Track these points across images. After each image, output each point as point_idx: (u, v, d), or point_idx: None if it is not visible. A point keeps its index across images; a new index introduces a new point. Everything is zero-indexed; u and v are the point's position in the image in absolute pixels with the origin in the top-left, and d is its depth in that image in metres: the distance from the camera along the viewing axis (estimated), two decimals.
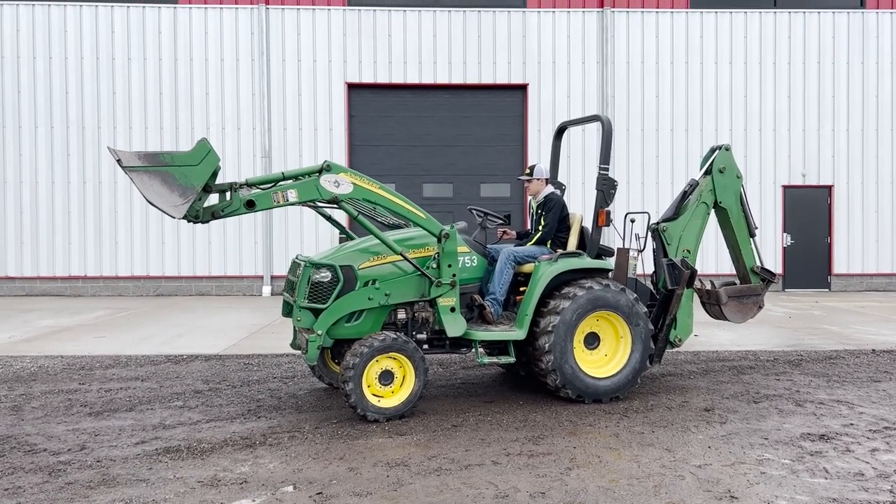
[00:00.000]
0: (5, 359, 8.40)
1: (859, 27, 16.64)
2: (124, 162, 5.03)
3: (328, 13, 16.10)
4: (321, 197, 5.60)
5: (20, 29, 15.80)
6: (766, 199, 16.54)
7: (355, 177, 5.71)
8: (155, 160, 5.15)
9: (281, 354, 8.62)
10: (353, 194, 5.68)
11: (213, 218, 5.44)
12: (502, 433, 5.43)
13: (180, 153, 5.23)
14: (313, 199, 5.63)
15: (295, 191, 5.55)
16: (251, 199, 5.44)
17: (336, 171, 5.64)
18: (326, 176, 5.61)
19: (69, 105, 15.85)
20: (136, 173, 5.04)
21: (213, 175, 5.30)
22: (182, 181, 5.11)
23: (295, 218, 16.02)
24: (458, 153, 16.52)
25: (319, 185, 5.58)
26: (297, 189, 5.56)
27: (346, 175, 5.68)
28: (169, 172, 5.10)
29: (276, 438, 5.31)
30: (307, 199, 5.60)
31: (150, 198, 4.98)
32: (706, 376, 7.49)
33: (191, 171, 5.15)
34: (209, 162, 5.21)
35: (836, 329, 10.76)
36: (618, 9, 16.33)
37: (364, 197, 5.74)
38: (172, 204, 5.01)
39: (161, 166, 5.12)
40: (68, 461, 4.81)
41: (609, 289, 6.28)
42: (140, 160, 5.12)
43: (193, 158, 5.18)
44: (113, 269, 15.88)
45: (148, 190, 5.00)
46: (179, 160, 5.16)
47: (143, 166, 5.09)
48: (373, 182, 5.78)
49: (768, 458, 4.87)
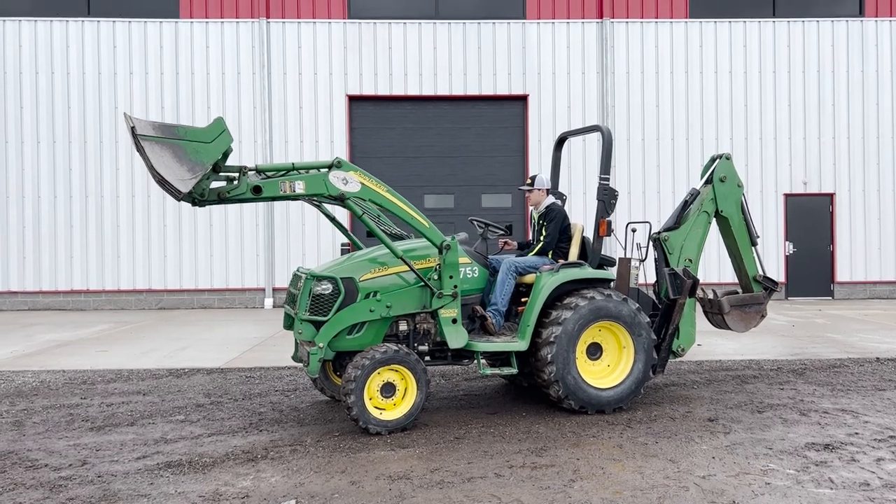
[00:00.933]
0: (7, 373, 8.39)
1: (858, 35, 16.68)
2: (138, 130, 4.94)
3: (329, 26, 16.18)
4: (328, 192, 5.58)
5: (22, 44, 15.90)
6: (767, 208, 16.53)
7: (364, 177, 5.71)
8: (169, 132, 5.08)
9: (283, 367, 8.61)
10: (359, 194, 5.68)
11: (217, 200, 5.35)
12: (505, 445, 5.41)
13: (195, 129, 5.17)
14: (320, 193, 5.58)
15: (303, 182, 5.52)
16: (258, 185, 5.41)
17: (346, 169, 5.64)
18: (336, 172, 5.60)
19: (71, 120, 15.91)
20: (149, 143, 4.95)
21: (225, 156, 5.26)
22: (193, 157, 5.05)
23: (297, 230, 16.05)
24: (459, 164, 16.55)
25: (328, 180, 5.57)
26: (305, 181, 5.53)
27: (356, 174, 5.68)
28: (181, 146, 5.04)
29: (277, 452, 5.29)
30: (314, 192, 5.56)
31: (159, 169, 4.88)
32: (709, 386, 7.46)
33: (203, 148, 5.10)
34: (222, 141, 5.17)
35: (839, 337, 10.72)
36: (617, 19, 16.40)
37: (370, 198, 5.73)
38: (180, 178, 4.94)
39: (174, 139, 5.05)
40: (69, 476, 4.79)
41: (611, 299, 6.26)
42: (154, 130, 5.04)
43: (207, 136, 5.14)
44: (115, 283, 15.90)
45: (158, 161, 4.91)
46: (193, 135, 5.11)
47: (156, 136, 5.01)
48: (381, 184, 5.77)
49: (773, 469, 4.84)
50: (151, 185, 15.85)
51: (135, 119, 4.95)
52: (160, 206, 15.91)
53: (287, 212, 16.05)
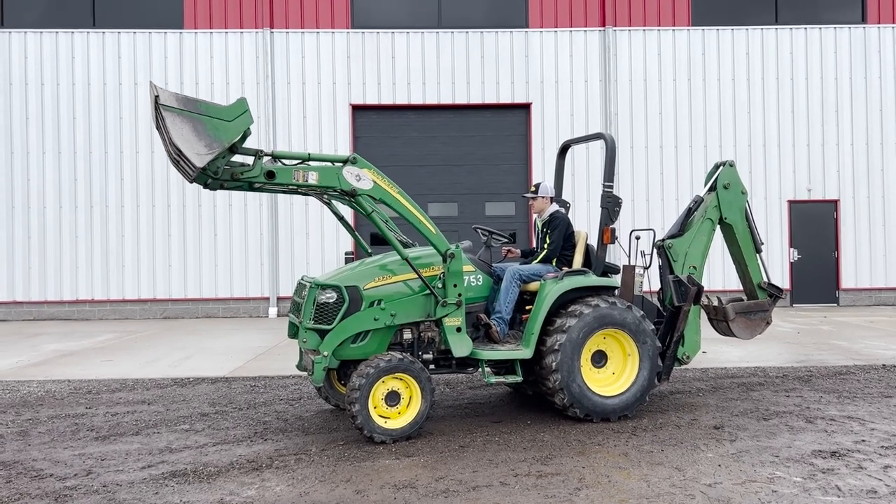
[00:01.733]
0: (13, 383, 8.40)
1: (861, 42, 16.69)
2: (161, 99, 4.95)
3: (332, 36, 16.26)
4: (339, 186, 5.59)
5: (28, 56, 16.00)
6: (771, 215, 16.51)
7: (377, 176, 5.72)
8: (191, 105, 5.09)
9: (287, 376, 8.60)
10: (371, 192, 5.69)
11: (230, 180, 5.35)
12: (510, 453, 5.39)
13: (217, 105, 5.17)
14: (332, 186, 5.59)
15: (316, 174, 5.54)
16: (272, 171, 5.42)
17: (361, 166, 5.66)
18: (350, 168, 5.62)
19: (76, 130, 15.99)
20: (170, 113, 4.96)
21: (243, 137, 5.25)
22: (212, 133, 5.05)
23: (301, 239, 16.08)
24: (462, 172, 16.58)
25: (341, 174, 5.58)
26: (318, 172, 5.55)
27: (370, 172, 5.69)
28: (201, 121, 5.04)
29: (282, 461, 5.28)
30: (326, 184, 5.57)
31: (177, 141, 4.89)
32: (715, 393, 7.43)
33: (222, 126, 5.09)
34: (243, 121, 5.17)
35: (845, 344, 10.68)
36: (619, 27, 16.44)
37: (381, 197, 5.74)
38: (197, 152, 4.94)
39: (195, 113, 5.05)
40: (75, 486, 4.80)
41: (615, 306, 6.25)
42: (177, 102, 5.04)
43: (229, 114, 5.13)
44: (120, 293, 15.93)
45: (177, 133, 4.92)
46: (214, 112, 5.11)
47: (178, 108, 5.01)
48: (393, 185, 5.79)
49: (779, 476, 4.82)
50: (156, 195, 15.93)
51: (160, 88, 4.97)
52: (164, 216, 15.97)
53: (291, 220, 16.08)
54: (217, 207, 16.03)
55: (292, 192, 6.08)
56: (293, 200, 16.07)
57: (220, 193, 15.97)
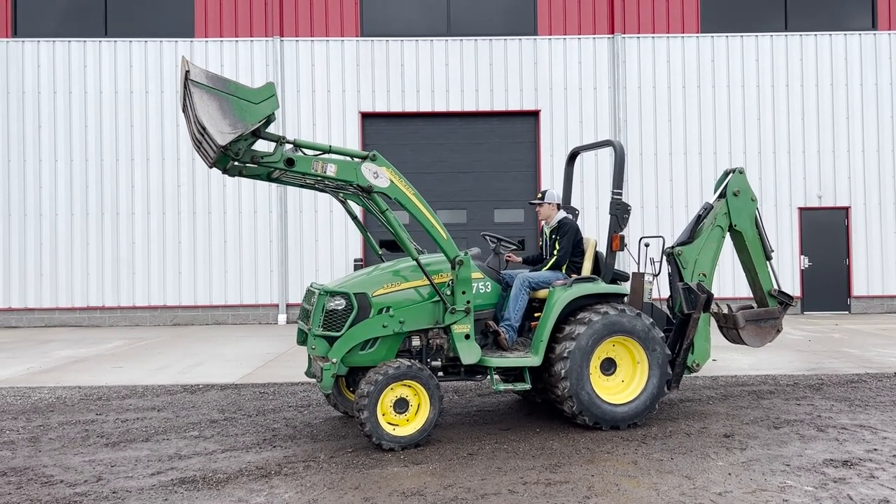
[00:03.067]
0: (24, 390, 8.45)
1: (872, 48, 16.62)
2: (192, 75, 4.98)
3: (342, 44, 16.33)
4: (356, 181, 5.61)
5: (41, 64, 16.15)
6: (782, 222, 16.43)
7: (395, 176, 5.74)
8: (220, 84, 5.12)
9: (296, 383, 8.62)
10: (387, 190, 5.71)
11: (251, 163, 5.38)
12: (519, 461, 5.38)
13: (245, 87, 5.20)
14: (349, 181, 5.62)
15: (335, 166, 5.57)
16: (292, 158, 5.44)
17: (380, 164, 5.69)
18: (369, 164, 5.65)
19: (88, 138, 16.11)
20: (199, 89, 5.00)
21: (267, 122, 5.28)
22: (237, 112, 5.08)
23: (310, 246, 16.12)
24: (471, 179, 16.60)
25: (359, 170, 5.61)
26: (337, 165, 5.58)
27: (388, 170, 5.71)
28: (228, 100, 5.07)
29: (291, 468, 5.29)
30: (344, 178, 5.59)
31: (202, 117, 4.93)
32: (725, 401, 7.39)
33: (248, 108, 5.13)
34: (269, 105, 5.20)
35: (857, 352, 10.60)
36: (629, 35, 16.44)
37: (396, 197, 5.76)
38: (220, 130, 4.97)
39: (223, 92, 5.09)
40: (85, 492, 4.82)
41: (625, 314, 6.23)
42: (207, 79, 5.08)
43: (256, 96, 5.17)
44: (130, 300, 16.01)
45: (203, 110, 4.96)
46: (242, 93, 5.14)
47: (207, 86, 5.05)
48: (409, 187, 5.82)
49: (790, 485, 4.78)
50: (167, 202, 16.01)
51: (191, 64, 5.02)
52: (175, 223, 16.05)
53: (300, 227, 16.13)
54: (227, 214, 16.10)
55: (309, 186, 6.12)
56: (303, 207, 16.13)
57: (229, 199, 16.06)
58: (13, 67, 16.13)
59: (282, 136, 5.45)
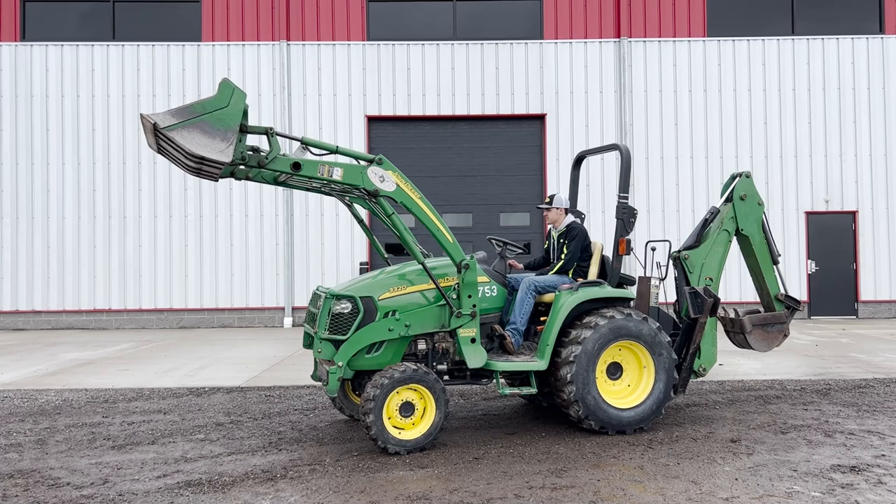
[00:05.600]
0: (31, 392, 8.48)
1: (879, 52, 16.57)
2: (161, 124, 4.94)
3: (348, 48, 16.37)
4: (363, 184, 5.61)
5: (49, 68, 16.24)
6: (789, 226, 16.38)
7: (401, 179, 5.75)
8: (189, 113, 5.09)
9: (302, 386, 8.62)
10: (393, 194, 5.71)
11: (257, 167, 5.36)
12: (524, 466, 5.37)
13: (208, 99, 5.16)
14: (356, 184, 5.62)
15: (341, 170, 5.57)
16: (298, 162, 5.44)
17: (386, 168, 5.69)
18: (375, 168, 5.65)
19: (95, 142, 16.19)
20: (175, 131, 4.96)
21: (245, 114, 5.27)
22: (220, 125, 5.08)
23: (316, 249, 16.14)
24: (477, 183, 16.60)
25: (365, 173, 5.61)
26: (343, 169, 5.58)
27: (394, 174, 5.71)
28: (205, 121, 5.06)
29: (297, 471, 5.29)
30: (350, 182, 5.59)
31: (195, 150, 4.91)
32: (732, 406, 7.36)
33: (224, 114, 5.11)
34: (237, 99, 5.18)
35: (864, 357, 10.55)
36: (635, 38, 16.44)
37: (402, 200, 5.75)
38: (218, 150, 4.97)
39: (196, 117, 5.06)
40: (91, 495, 4.82)
41: (631, 318, 6.22)
42: (175, 117, 5.05)
43: (222, 101, 5.14)
44: (137, 302, 16.06)
45: (191, 143, 4.94)
46: (210, 106, 5.11)
47: (180, 122, 5.02)
48: (415, 190, 5.82)
49: (798, 491, 4.76)
50: (173, 206, 16.07)
51: (152, 116, 4.96)
52: (181, 226, 16.10)
53: (306, 231, 16.16)
54: (233, 217, 16.14)
55: (315, 189, 6.12)
56: (309, 211, 16.16)
57: (236, 202, 16.10)
58: (21, 71, 16.22)
59: (268, 126, 5.43)
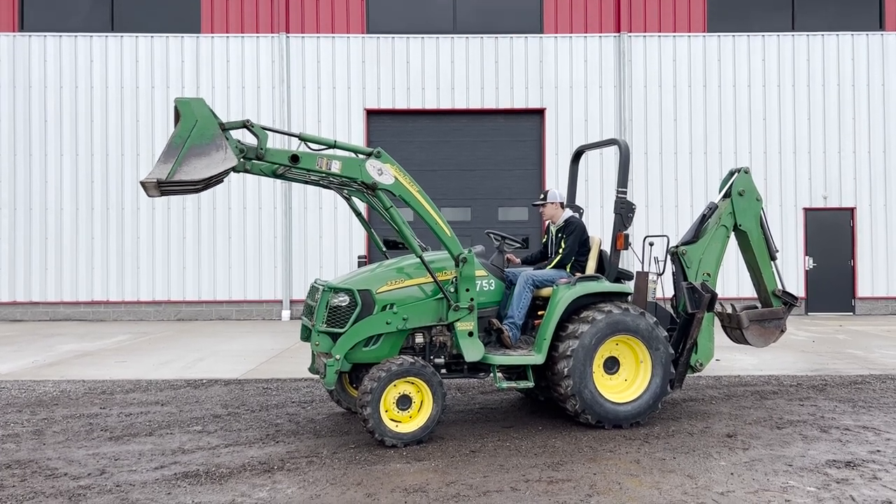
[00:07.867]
0: (28, 383, 8.49)
1: (879, 48, 16.56)
2: (164, 177, 4.97)
3: (347, 41, 16.34)
4: (361, 178, 5.63)
5: (47, 60, 16.19)
6: (787, 222, 16.40)
7: (400, 173, 5.75)
8: (175, 149, 5.10)
9: (299, 379, 8.64)
10: (391, 187, 5.72)
11: (256, 158, 5.37)
12: (521, 459, 5.38)
13: (179, 128, 5.15)
14: (354, 177, 5.63)
15: (340, 163, 5.58)
16: (296, 155, 5.47)
17: (384, 161, 5.70)
18: (373, 161, 5.66)
19: (94, 133, 16.15)
20: (175, 174, 5.02)
21: (214, 114, 5.26)
22: (205, 140, 5.10)
23: (314, 242, 16.14)
24: (476, 177, 16.59)
25: (364, 166, 5.62)
26: (342, 162, 5.59)
27: (392, 168, 5.72)
28: (191, 146, 5.09)
29: (294, 463, 5.30)
30: (348, 175, 5.60)
31: (203, 175, 4.98)
32: (728, 401, 7.39)
33: (200, 128, 5.13)
34: (200, 107, 5.17)
35: (861, 353, 10.58)
36: (634, 33, 16.41)
37: (400, 194, 5.76)
38: (220, 161, 5.04)
39: (183, 148, 5.08)
40: (88, 486, 4.84)
41: (628, 313, 6.23)
42: (168, 161, 5.07)
43: (190, 119, 5.14)
44: (135, 294, 16.06)
45: (196, 173, 4.99)
46: (185, 131, 5.11)
47: (175, 163, 5.05)
48: (414, 184, 5.83)
49: (793, 486, 4.78)
50: (172, 198, 16.03)
51: (149, 176, 5.00)
52: (180, 218, 16.08)
53: (305, 223, 16.15)
54: (231, 210, 16.13)
55: (313, 182, 6.12)
56: (307, 204, 16.15)
57: (234, 195, 16.08)
58: (20, 62, 16.17)
59: (245, 119, 5.42)
